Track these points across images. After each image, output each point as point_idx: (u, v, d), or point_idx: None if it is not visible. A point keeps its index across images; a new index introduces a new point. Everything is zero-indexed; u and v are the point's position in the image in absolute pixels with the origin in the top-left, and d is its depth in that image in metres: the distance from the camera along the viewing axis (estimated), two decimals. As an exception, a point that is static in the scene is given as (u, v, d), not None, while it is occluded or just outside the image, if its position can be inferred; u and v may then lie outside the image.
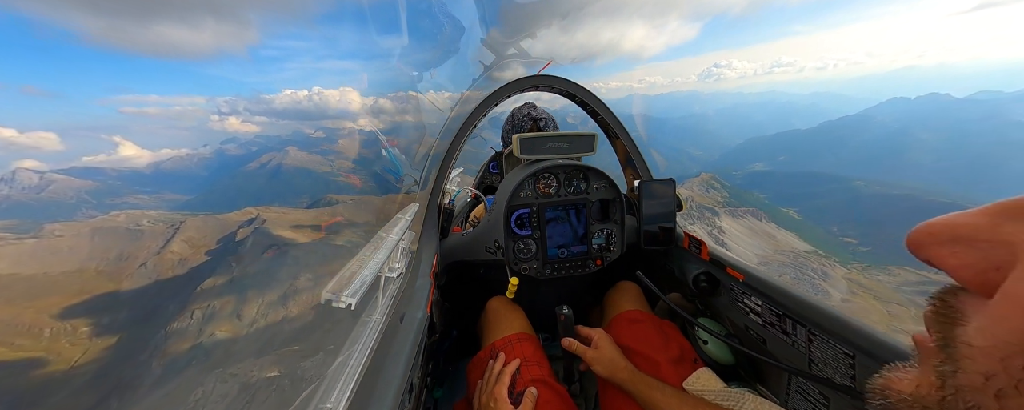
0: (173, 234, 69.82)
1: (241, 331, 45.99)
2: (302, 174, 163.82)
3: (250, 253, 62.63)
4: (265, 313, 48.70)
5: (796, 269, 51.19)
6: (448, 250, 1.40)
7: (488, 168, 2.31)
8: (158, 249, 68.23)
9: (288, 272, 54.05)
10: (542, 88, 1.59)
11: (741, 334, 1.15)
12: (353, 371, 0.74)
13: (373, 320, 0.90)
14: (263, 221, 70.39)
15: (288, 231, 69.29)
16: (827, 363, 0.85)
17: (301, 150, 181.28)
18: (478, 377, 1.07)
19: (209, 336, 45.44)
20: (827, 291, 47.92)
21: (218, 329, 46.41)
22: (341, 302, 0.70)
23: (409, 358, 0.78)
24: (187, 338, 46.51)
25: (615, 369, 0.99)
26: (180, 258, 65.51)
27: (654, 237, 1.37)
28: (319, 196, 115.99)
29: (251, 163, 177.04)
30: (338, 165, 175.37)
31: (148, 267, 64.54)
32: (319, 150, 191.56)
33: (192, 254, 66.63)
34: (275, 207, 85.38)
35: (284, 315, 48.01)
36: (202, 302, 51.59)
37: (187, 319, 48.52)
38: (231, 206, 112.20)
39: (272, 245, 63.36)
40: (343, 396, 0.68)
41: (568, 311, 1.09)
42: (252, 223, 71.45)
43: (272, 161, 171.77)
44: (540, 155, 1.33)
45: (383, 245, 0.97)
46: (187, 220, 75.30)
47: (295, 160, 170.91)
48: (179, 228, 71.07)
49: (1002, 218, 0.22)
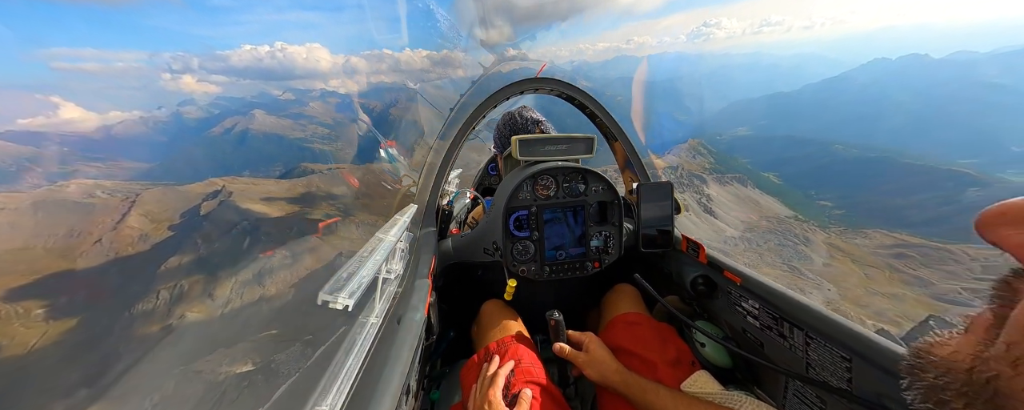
0: (130, 208, 64.12)
1: (214, 312, 43.61)
2: (272, 140, 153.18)
3: (217, 228, 58.49)
4: (240, 293, 46.11)
5: (780, 236, 52.03)
6: (446, 251, 1.39)
7: (487, 170, 2.32)
8: (113, 224, 62.80)
9: (261, 249, 50.80)
10: (541, 90, 1.59)
11: (738, 337, 1.16)
12: (350, 373, 0.74)
13: (371, 321, 0.90)
14: (230, 194, 65.24)
15: (258, 204, 64.74)
16: (824, 367, 0.86)
17: (269, 114, 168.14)
18: (472, 381, 1.06)
19: (179, 318, 42.89)
20: (809, 256, 49.16)
21: (189, 310, 43.82)
22: (338, 303, 0.70)
23: (406, 360, 0.78)
24: (154, 320, 43.83)
25: (607, 372, 1.00)
26: (140, 233, 60.66)
27: (652, 240, 1.38)
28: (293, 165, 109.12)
29: (214, 128, 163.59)
30: (311, 131, 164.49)
31: (104, 244, 59.62)
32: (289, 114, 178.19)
33: (153, 229, 61.77)
34: (244, 177, 79.34)
35: (260, 295, 45.59)
36: (168, 282, 48.31)
37: (153, 300, 45.49)
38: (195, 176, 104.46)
39: (241, 220, 59.18)
40: (340, 398, 0.68)
41: (559, 316, 1.10)
42: (218, 195, 66.24)
43: (237, 126, 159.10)
44: (539, 157, 1.34)
45: (381, 246, 0.96)
46: (144, 192, 69.16)
47: (263, 125, 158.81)
48: (136, 201, 65.27)
49: None
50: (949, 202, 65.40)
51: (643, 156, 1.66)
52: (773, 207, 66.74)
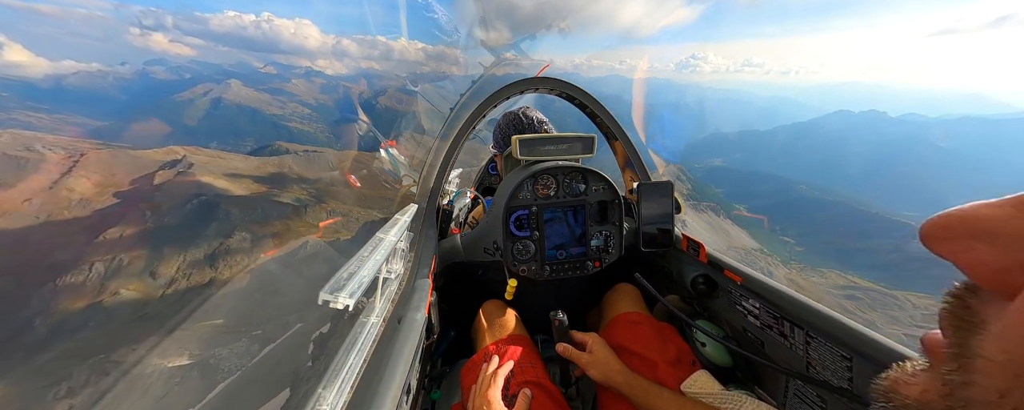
0: (71, 167, 57.94)
1: (153, 292, 39.66)
2: (246, 113, 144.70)
3: (170, 201, 53.78)
4: (187, 274, 42.30)
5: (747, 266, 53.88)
6: (446, 251, 1.40)
7: (487, 169, 2.34)
8: (50, 183, 56.46)
9: (217, 229, 46.98)
10: (542, 90, 1.60)
11: (739, 336, 1.16)
12: (351, 372, 0.74)
13: (371, 321, 0.90)
14: (190, 165, 60.42)
15: (221, 179, 60.28)
16: (825, 366, 0.86)
17: (246, 86, 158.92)
18: (472, 381, 1.06)
19: (112, 295, 38.64)
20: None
21: (124, 287, 39.60)
22: (338, 303, 0.70)
23: (407, 360, 0.78)
24: (83, 294, 39.29)
25: (610, 373, 1.00)
26: (80, 197, 54.80)
27: (652, 239, 1.38)
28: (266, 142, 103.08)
29: (183, 92, 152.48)
30: (291, 109, 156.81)
31: (35, 204, 53.37)
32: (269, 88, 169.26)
33: (96, 194, 56.01)
34: (209, 149, 73.89)
35: (211, 278, 41.99)
36: (106, 254, 43.63)
37: (85, 272, 40.83)
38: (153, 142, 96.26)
39: (199, 194, 54.74)
40: (341, 398, 0.69)
41: (563, 317, 1.10)
42: (176, 165, 61.19)
43: (210, 93, 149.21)
44: (539, 156, 1.35)
45: (381, 246, 0.96)
46: (91, 152, 62.89)
47: (238, 96, 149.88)
48: (79, 160, 59.12)
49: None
50: (896, 250, 70.58)
51: (643, 156, 1.65)
52: (742, 238, 69.55)
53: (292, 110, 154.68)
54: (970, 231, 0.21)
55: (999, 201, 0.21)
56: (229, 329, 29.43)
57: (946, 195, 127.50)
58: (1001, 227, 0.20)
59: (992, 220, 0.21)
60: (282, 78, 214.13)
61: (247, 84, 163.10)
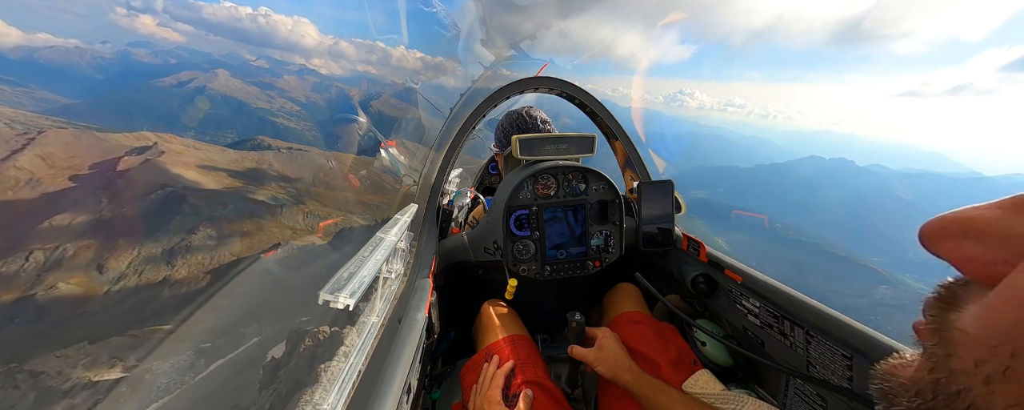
0: (25, 145, 53.57)
1: (98, 288, 36.05)
2: (230, 105, 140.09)
3: (132, 189, 50.18)
4: (139, 270, 38.87)
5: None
6: (447, 251, 1.40)
7: (487, 169, 2.35)
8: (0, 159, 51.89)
9: (180, 223, 43.78)
10: (542, 89, 1.60)
11: (739, 336, 1.16)
12: (351, 372, 0.74)
13: (371, 321, 0.90)
14: (161, 153, 57.02)
15: (192, 171, 56.99)
16: (825, 365, 0.86)
17: (234, 77, 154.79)
18: (473, 380, 1.07)
19: (48, 288, 34.84)
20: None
21: (63, 280, 35.86)
22: (339, 303, 0.70)
23: (407, 359, 0.78)
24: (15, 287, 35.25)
25: (619, 369, 0.98)
26: (30, 177, 50.41)
27: (652, 238, 1.38)
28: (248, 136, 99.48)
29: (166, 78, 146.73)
30: (279, 105, 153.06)
31: (-25, 182, 48.75)
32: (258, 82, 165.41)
33: (49, 176, 51.72)
34: (184, 138, 70.23)
35: (165, 276, 38.70)
36: (48, 242, 39.72)
37: (19, 260, 36.86)
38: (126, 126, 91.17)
39: (165, 185, 51.37)
40: (341, 397, 0.69)
41: (580, 318, 1.08)
42: (145, 152, 57.65)
43: (195, 81, 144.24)
44: (539, 156, 1.34)
45: (381, 246, 0.96)
46: (52, 131, 58.60)
47: (224, 86, 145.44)
48: (36, 138, 54.82)
49: (1014, 211, 0.21)
50: (864, 295, 73.14)
51: (643, 155, 1.65)
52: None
53: (280, 106, 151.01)
54: (962, 230, 0.23)
55: (988, 203, 0.23)
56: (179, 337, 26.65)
57: (905, 244, 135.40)
58: (989, 227, 0.22)
59: (981, 220, 0.22)
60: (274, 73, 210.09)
61: (236, 75, 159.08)
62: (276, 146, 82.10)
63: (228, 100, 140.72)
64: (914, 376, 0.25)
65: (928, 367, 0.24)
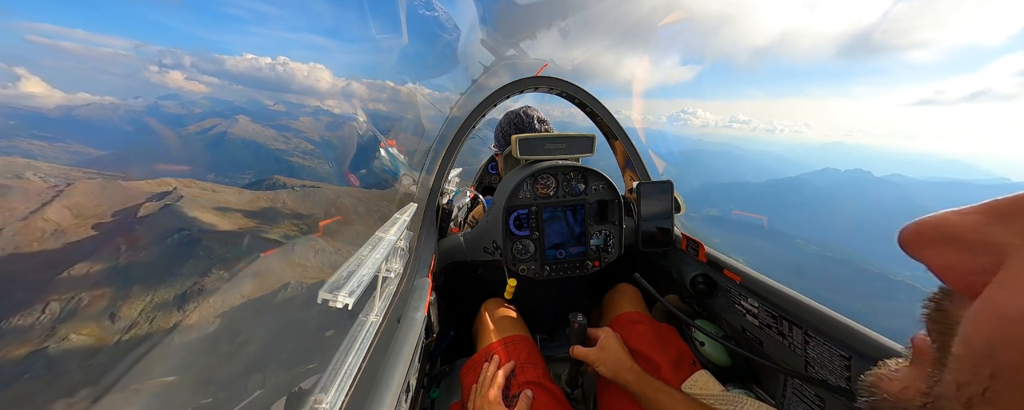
0: (54, 196, 56.06)
1: (108, 338, 35.81)
2: (249, 147, 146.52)
3: (149, 235, 51.31)
4: (151, 318, 38.73)
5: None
6: (446, 250, 1.40)
7: (487, 169, 2.35)
8: (28, 213, 54.14)
9: (193, 267, 44.09)
10: (541, 89, 1.61)
11: (738, 336, 1.16)
12: (350, 371, 0.74)
13: (370, 320, 0.90)
14: (179, 197, 58.85)
15: (209, 213, 58.36)
16: (823, 365, 0.86)
17: (254, 121, 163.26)
18: (473, 380, 1.06)
19: (60, 340, 34.74)
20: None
21: (76, 331, 35.80)
22: (338, 302, 0.70)
23: (406, 359, 0.78)
24: (28, 341, 35.28)
25: (620, 369, 0.98)
26: (55, 228, 52.21)
27: (652, 238, 1.39)
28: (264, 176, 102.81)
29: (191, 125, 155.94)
30: (294, 144, 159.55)
31: (5, 235, 50.63)
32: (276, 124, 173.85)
33: (74, 225, 53.54)
34: (203, 182, 72.76)
35: (175, 322, 38.39)
36: (65, 292, 40.22)
37: (36, 313, 37.17)
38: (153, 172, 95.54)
39: (181, 229, 52.47)
40: (340, 396, 0.69)
41: (582, 319, 1.08)
42: (165, 197, 59.60)
43: (217, 128, 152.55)
44: (539, 156, 1.35)
45: (381, 245, 0.96)
46: (80, 182, 61.51)
47: (244, 131, 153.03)
48: (65, 190, 57.41)
49: (991, 217, 0.20)
50: (904, 314, 67.93)
51: (643, 155, 1.67)
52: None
53: (295, 145, 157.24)
54: (941, 236, 0.22)
55: (966, 209, 0.22)
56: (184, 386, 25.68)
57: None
58: (968, 233, 0.21)
59: (960, 227, 0.21)
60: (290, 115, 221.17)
61: (255, 120, 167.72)
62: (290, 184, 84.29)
63: (247, 143, 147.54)
64: (901, 395, 0.24)
65: (922, 390, 0.23)
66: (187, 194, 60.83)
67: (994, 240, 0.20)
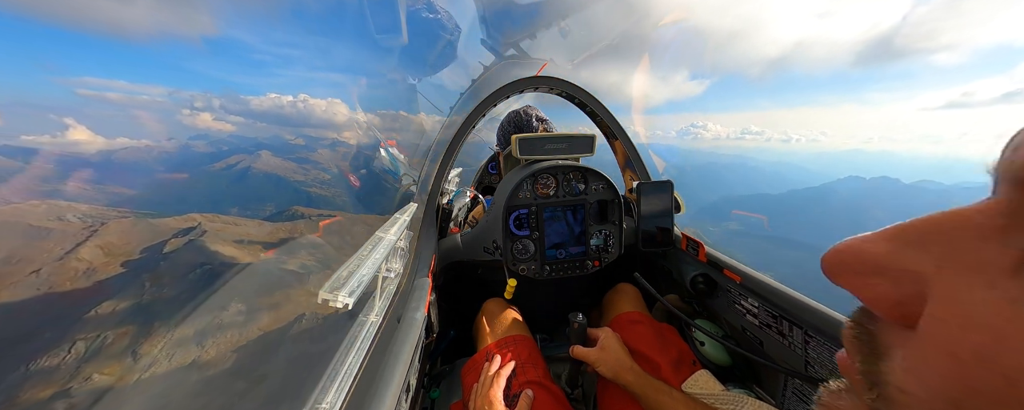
0: (88, 236, 58.88)
1: (128, 377, 35.99)
2: (270, 181, 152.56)
3: (172, 271, 52.73)
4: (170, 354, 38.97)
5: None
6: (446, 250, 1.40)
7: (487, 169, 2.37)
8: (63, 253, 56.83)
9: (216, 301, 44.68)
10: (541, 89, 1.63)
11: (738, 335, 1.16)
12: (350, 371, 0.74)
13: (370, 320, 0.90)
14: (203, 232, 60.88)
15: (229, 247, 59.91)
16: (823, 364, 0.86)
17: (275, 156, 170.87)
18: (474, 380, 1.06)
19: (82, 381, 35.13)
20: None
21: (99, 371, 36.19)
22: (338, 302, 0.70)
23: (406, 358, 0.78)
24: (52, 382, 35.81)
25: (620, 370, 0.98)
26: (87, 267, 54.41)
27: (652, 238, 1.40)
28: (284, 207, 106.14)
29: (217, 163, 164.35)
30: (313, 175, 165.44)
31: (41, 276, 52.97)
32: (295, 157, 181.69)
33: (104, 264, 55.70)
34: (225, 216, 75.35)
35: (194, 358, 38.48)
36: (91, 331, 41.15)
37: (62, 353, 37.96)
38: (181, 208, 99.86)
39: (204, 263, 53.78)
40: (340, 396, 0.69)
41: (582, 319, 1.09)
42: (189, 233, 61.76)
43: (240, 163, 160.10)
44: (539, 155, 1.36)
45: (381, 245, 0.96)
46: (113, 221, 64.66)
47: (266, 165, 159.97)
48: (99, 230, 60.33)
49: (902, 244, 0.20)
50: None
51: (643, 155, 1.68)
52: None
53: (314, 176, 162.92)
54: (862, 265, 0.21)
55: (875, 236, 0.21)
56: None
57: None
58: (886, 262, 0.21)
59: (878, 256, 0.21)
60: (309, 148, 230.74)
61: (276, 154, 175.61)
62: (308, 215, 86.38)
63: (269, 177, 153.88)
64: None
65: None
66: (211, 229, 62.91)
67: (912, 268, 0.19)
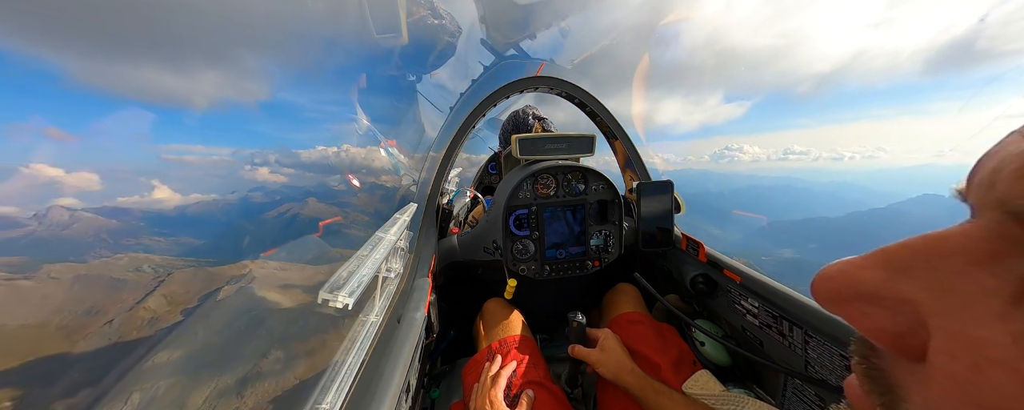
0: (156, 286, 64.50)
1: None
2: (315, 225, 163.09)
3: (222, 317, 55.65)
4: (213, 404, 39.77)
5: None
6: (446, 250, 1.41)
7: (487, 169, 2.36)
8: (133, 304, 62.33)
9: (256, 348, 46.06)
10: (541, 89, 1.63)
11: (738, 336, 1.16)
12: (350, 371, 0.74)
13: (371, 320, 0.90)
14: (252, 279, 64.72)
15: (274, 292, 62.83)
16: (823, 365, 0.86)
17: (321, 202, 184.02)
18: (474, 380, 1.06)
19: (134, 432, 36.37)
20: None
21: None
22: (338, 302, 0.70)
23: (406, 359, 0.78)
24: (109, 432, 37.39)
25: (621, 371, 0.98)
26: (152, 316, 58.93)
27: (652, 238, 1.40)
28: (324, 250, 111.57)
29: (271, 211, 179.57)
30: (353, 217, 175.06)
31: (113, 326, 57.97)
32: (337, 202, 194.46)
33: (166, 312, 60.13)
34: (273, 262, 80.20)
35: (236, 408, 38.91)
36: (147, 381, 43.42)
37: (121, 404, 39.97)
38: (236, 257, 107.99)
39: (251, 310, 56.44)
40: (340, 396, 0.69)
41: (581, 319, 1.09)
42: (240, 280, 65.88)
43: (290, 211, 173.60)
44: (539, 156, 1.36)
45: (381, 245, 0.97)
46: (178, 271, 70.74)
47: (313, 211, 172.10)
48: (165, 279, 66.05)
49: (892, 272, 0.19)
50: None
51: (643, 155, 1.66)
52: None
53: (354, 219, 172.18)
54: (855, 293, 0.20)
55: (866, 261, 0.20)
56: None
57: None
58: (878, 290, 0.19)
59: (869, 283, 0.20)
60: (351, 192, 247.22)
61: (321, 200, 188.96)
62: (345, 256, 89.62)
63: (313, 221, 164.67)
64: None
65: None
66: (259, 275, 66.84)
67: (905, 296, 0.19)
